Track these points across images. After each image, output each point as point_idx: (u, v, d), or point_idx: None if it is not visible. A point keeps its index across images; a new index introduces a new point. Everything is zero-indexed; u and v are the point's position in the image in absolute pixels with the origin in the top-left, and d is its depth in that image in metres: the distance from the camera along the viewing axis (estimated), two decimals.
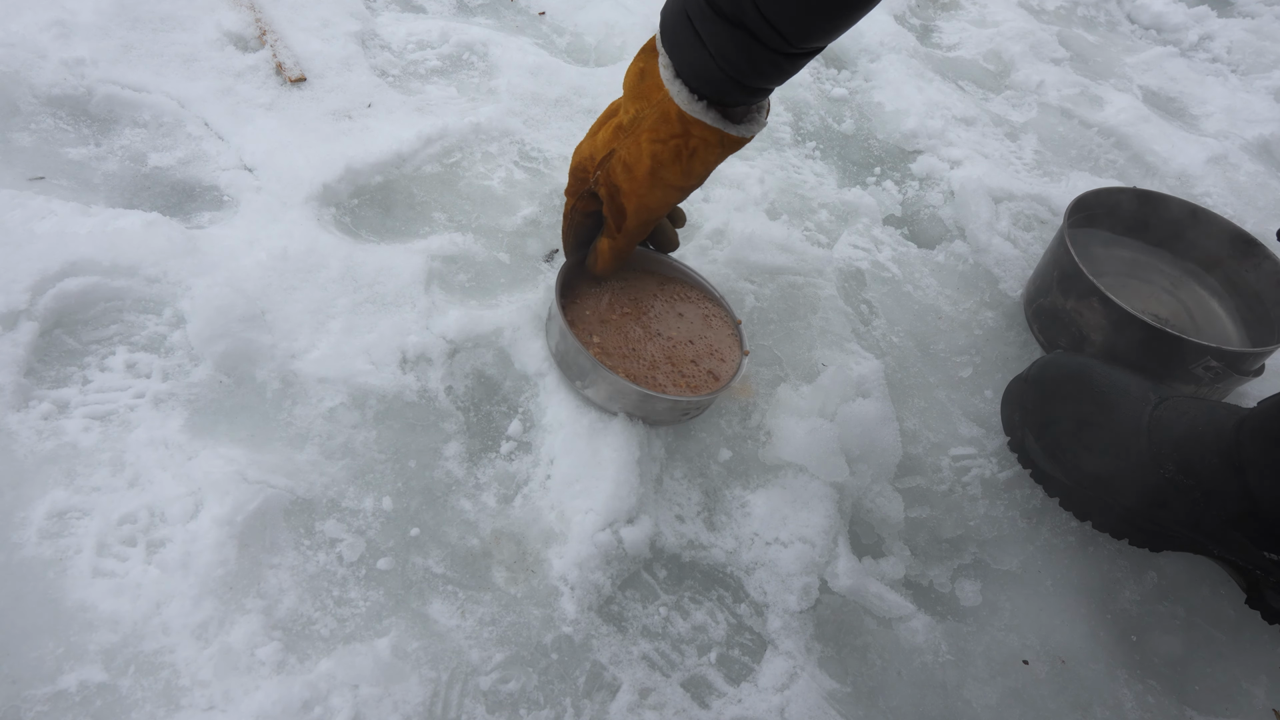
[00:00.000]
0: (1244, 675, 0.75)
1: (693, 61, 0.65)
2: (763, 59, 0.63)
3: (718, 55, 0.63)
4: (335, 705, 0.61)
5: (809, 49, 0.64)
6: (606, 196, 0.75)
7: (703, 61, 0.64)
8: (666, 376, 0.80)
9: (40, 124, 0.96)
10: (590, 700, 0.66)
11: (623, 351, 0.81)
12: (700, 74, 0.65)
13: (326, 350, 0.81)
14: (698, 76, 0.66)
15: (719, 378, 0.81)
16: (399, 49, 1.19)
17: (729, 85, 0.65)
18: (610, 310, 0.84)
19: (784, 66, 0.64)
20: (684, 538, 0.76)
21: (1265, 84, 1.52)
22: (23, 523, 0.66)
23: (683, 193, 0.74)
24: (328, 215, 0.94)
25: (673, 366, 0.81)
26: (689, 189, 0.74)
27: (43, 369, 0.75)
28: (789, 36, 0.61)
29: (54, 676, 0.59)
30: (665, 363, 0.81)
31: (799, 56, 0.64)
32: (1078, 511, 0.82)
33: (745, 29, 0.60)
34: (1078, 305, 0.92)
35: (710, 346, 0.84)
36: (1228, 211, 1.21)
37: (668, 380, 0.80)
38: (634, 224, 0.76)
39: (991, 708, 0.70)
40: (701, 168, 0.71)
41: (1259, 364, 0.89)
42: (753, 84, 0.65)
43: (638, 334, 0.83)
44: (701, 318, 0.86)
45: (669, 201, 0.74)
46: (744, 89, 0.66)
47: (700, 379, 0.81)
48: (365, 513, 0.72)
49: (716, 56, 0.63)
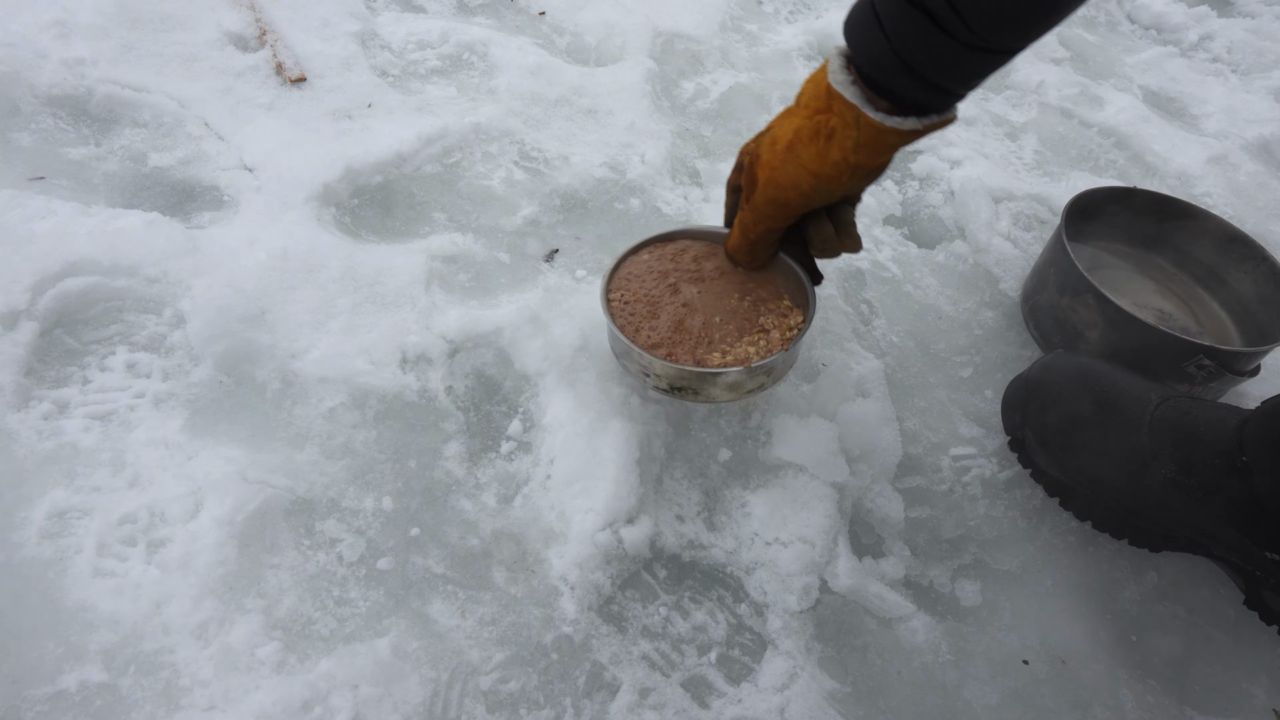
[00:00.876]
0: (1244, 675, 0.75)
1: (868, 45, 0.60)
2: (940, 46, 0.57)
3: (893, 36, 0.58)
4: (335, 705, 0.61)
5: (996, 45, 0.58)
6: (747, 165, 0.73)
7: (878, 45, 0.59)
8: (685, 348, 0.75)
9: (40, 124, 0.96)
10: (590, 700, 0.66)
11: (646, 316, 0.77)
12: (874, 59, 0.60)
13: (326, 350, 0.81)
14: (871, 62, 0.61)
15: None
16: (399, 49, 1.19)
17: (902, 73, 0.60)
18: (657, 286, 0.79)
19: (964, 61, 0.58)
20: (684, 538, 0.75)
21: (1265, 84, 1.52)
22: (23, 523, 0.66)
23: (816, 180, 0.67)
24: (328, 215, 0.94)
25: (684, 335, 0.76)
26: (823, 179, 0.67)
27: (43, 369, 0.75)
28: (973, 24, 0.55)
29: (54, 676, 0.59)
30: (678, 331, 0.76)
31: (983, 52, 0.58)
32: (1078, 511, 0.82)
33: (926, 10, 0.56)
34: (1073, 302, 0.92)
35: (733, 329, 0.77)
36: (1228, 211, 1.21)
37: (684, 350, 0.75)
38: (762, 198, 0.71)
39: (991, 708, 0.70)
40: (838, 153, 0.65)
41: (1254, 364, 0.89)
42: (929, 76, 0.59)
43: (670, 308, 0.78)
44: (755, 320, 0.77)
45: (801, 185, 0.68)
46: (920, 81, 0.60)
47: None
48: (365, 513, 0.72)
49: (892, 37, 0.58)
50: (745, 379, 0.74)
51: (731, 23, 1.39)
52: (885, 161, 0.66)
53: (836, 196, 0.70)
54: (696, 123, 1.19)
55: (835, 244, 0.75)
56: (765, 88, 1.26)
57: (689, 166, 1.11)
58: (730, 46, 1.33)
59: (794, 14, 1.47)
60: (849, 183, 0.67)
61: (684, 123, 1.18)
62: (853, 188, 0.69)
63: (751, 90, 1.25)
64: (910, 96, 0.61)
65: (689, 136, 1.16)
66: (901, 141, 0.64)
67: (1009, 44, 0.58)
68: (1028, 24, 0.57)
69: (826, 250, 0.75)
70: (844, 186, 0.68)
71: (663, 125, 1.14)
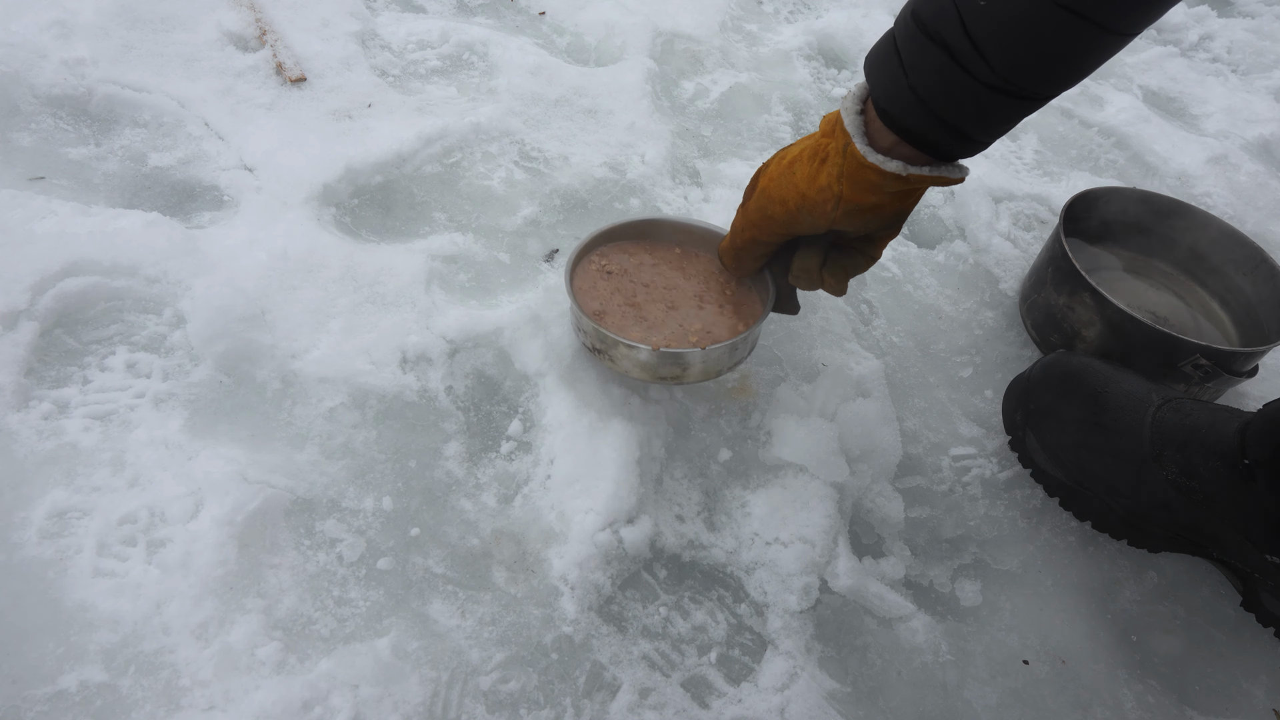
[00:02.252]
0: (1244, 675, 0.75)
1: (885, 79, 0.59)
2: (958, 85, 0.55)
3: (911, 71, 0.56)
4: (335, 705, 0.61)
5: (1018, 89, 0.55)
6: (757, 171, 0.72)
7: (896, 81, 0.57)
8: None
9: (40, 124, 0.96)
10: (590, 700, 0.66)
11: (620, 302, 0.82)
12: (890, 94, 0.58)
13: (327, 350, 0.81)
14: (886, 96, 0.59)
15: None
16: (399, 49, 1.19)
17: (918, 111, 0.57)
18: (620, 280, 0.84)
19: (984, 103, 0.55)
20: (684, 538, 0.76)
21: (1265, 84, 1.52)
22: (23, 523, 0.66)
23: (802, 201, 0.65)
24: (328, 215, 0.94)
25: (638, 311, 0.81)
26: (808, 201, 0.65)
27: (43, 369, 0.75)
28: (994, 63, 0.53)
29: (54, 676, 0.59)
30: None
31: (1005, 95, 0.55)
32: (1078, 511, 0.82)
33: (946, 48, 0.54)
34: (1070, 301, 0.92)
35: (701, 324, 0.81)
36: (1228, 211, 1.21)
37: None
38: (753, 205, 0.71)
39: (991, 708, 0.70)
40: (825, 179, 0.63)
41: (1251, 365, 0.89)
42: (947, 117, 0.57)
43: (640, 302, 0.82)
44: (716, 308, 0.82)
45: (788, 202, 0.67)
46: (936, 122, 0.57)
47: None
48: (365, 513, 0.72)
49: (910, 72, 0.56)
50: (655, 362, 0.77)
51: (731, 23, 1.39)
52: (874, 203, 0.62)
53: (820, 227, 0.66)
54: (696, 123, 1.19)
55: (814, 277, 0.72)
56: (765, 88, 1.26)
57: (689, 166, 1.11)
58: (730, 46, 1.33)
59: (794, 14, 1.47)
60: (835, 215, 0.64)
61: (684, 123, 1.18)
62: (844, 224, 0.65)
63: (751, 90, 1.25)
64: (930, 138, 0.59)
65: (689, 136, 1.16)
66: (884, 183, 0.61)
67: (1034, 88, 0.55)
68: (1051, 67, 0.54)
69: (800, 280, 0.74)
70: (828, 218, 0.65)
71: (663, 125, 1.14)
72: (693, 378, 0.79)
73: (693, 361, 0.77)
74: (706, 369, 0.79)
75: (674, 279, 0.84)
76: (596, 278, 0.83)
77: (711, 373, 0.80)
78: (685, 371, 0.78)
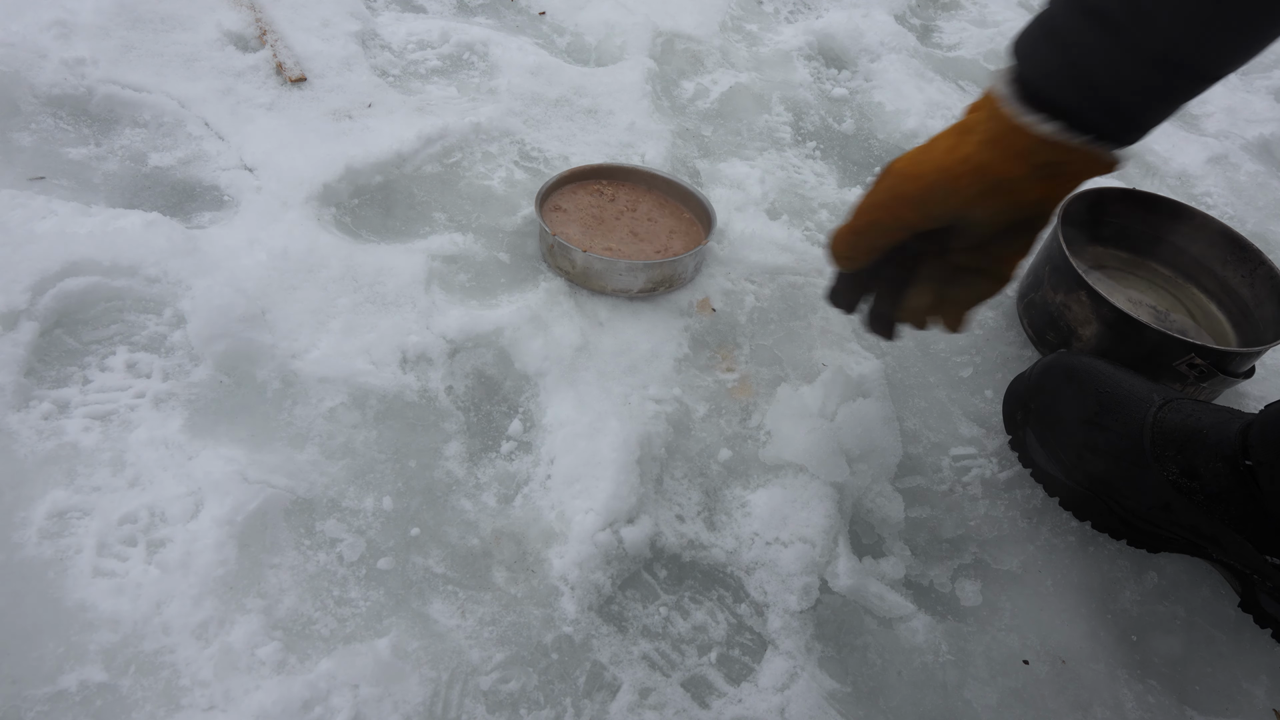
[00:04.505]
0: (1244, 675, 0.75)
1: (1040, 59, 0.56)
2: (1121, 60, 0.53)
3: (1069, 47, 0.54)
4: (335, 705, 0.61)
5: (1184, 63, 0.52)
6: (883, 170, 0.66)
7: (1051, 58, 0.55)
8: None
9: (41, 124, 0.96)
10: (590, 700, 0.66)
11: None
12: (1046, 70, 0.56)
13: (327, 350, 0.81)
14: (1042, 72, 0.56)
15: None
16: (399, 49, 1.19)
17: (1074, 87, 0.55)
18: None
19: (1147, 80, 0.53)
20: (684, 538, 0.76)
21: (1265, 84, 1.52)
22: (23, 523, 0.66)
23: (938, 173, 0.59)
24: (328, 215, 0.94)
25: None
26: (945, 173, 0.59)
27: (43, 369, 0.75)
28: (1161, 34, 0.51)
29: (54, 676, 0.59)
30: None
31: (1169, 70, 0.53)
32: (1078, 511, 0.82)
33: (1109, 19, 0.52)
34: (1066, 299, 0.92)
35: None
36: (1228, 212, 1.21)
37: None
38: (883, 183, 0.63)
39: (991, 708, 0.70)
40: (968, 148, 0.58)
41: (1247, 365, 0.89)
42: (1106, 93, 0.54)
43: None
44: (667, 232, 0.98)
45: (923, 174, 0.60)
46: (1094, 99, 0.55)
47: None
48: (365, 512, 0.72)
49: (1068, 48, 0.54)
50: (592, 265, 0.89)
51: (731, 23, 1.39)
52: (1018, 177, 0.57)
53: (952, 206, 0.59)
54: (696, 123, 1.19)
55: (923, 316, 0.67)
56: (765, 88, 1.26)
57: (689, 166, 1.11)
58: (730, 46, 1.33)
59: (794, 14, 1.47)
60: (970, 192, 0.58)
61: (684, 123, 1.18)
62: (978, 208, 0.59)
63: (752, 90, 1.25)
64: (1086, 117, 0.55)
65: (689, 136, 1.16)
66: (1033, 150, 0.56)
67: (1202, 62, 0.53)
68: (1224, 39, 0.51)
69: (909, 316, 0.68)
70: (963, 197, 0.58)
71: (663, 125, 1.14)
72: (624, 288, 0.91)
73: (620, 269, 0.89)
74: (629, 277, 0.90)
75: (657, 215, 1.00)
76: (588, 198, 0.99)
77: (633, 282, 0.91)
78: (606, 276, 0.90)
